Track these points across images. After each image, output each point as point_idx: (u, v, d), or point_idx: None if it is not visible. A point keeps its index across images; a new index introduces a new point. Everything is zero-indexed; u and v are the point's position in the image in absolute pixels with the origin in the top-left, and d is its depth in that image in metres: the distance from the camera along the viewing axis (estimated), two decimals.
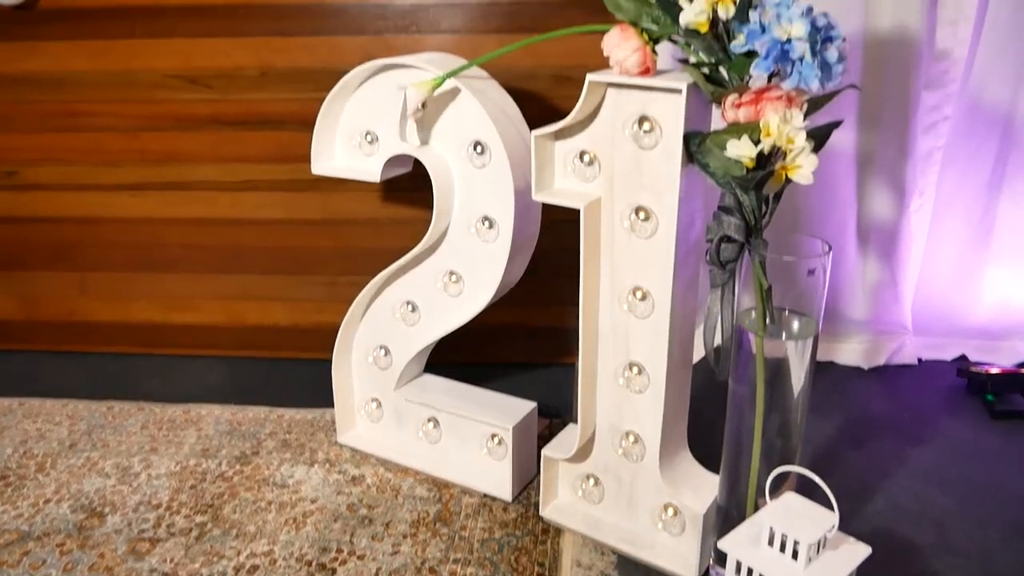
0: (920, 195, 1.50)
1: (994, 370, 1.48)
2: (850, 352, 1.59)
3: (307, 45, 1.39)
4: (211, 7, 1.39)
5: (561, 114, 0.93)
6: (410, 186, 1.27)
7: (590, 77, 0.89)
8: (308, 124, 1.17)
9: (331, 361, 1.27)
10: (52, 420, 1.39)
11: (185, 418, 1.39)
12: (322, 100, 1.15)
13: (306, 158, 1.17)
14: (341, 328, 1.25)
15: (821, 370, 1.56)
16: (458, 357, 1.35)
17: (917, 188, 1.49)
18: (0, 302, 1.65)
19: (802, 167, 0.78)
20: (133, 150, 1.50)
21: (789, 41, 0.76)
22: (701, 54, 0.84)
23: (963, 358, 1.60)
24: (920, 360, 1.60)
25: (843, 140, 1.44)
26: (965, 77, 1.43)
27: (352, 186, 1.32)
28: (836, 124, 0.83)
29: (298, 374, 1.55)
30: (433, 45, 1.37)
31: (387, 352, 1.25)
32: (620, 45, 0.84)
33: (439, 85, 1.01)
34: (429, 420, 1.23)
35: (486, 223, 1.09)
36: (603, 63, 0.88)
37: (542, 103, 1.37)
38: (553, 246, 1.19)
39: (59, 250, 1.59)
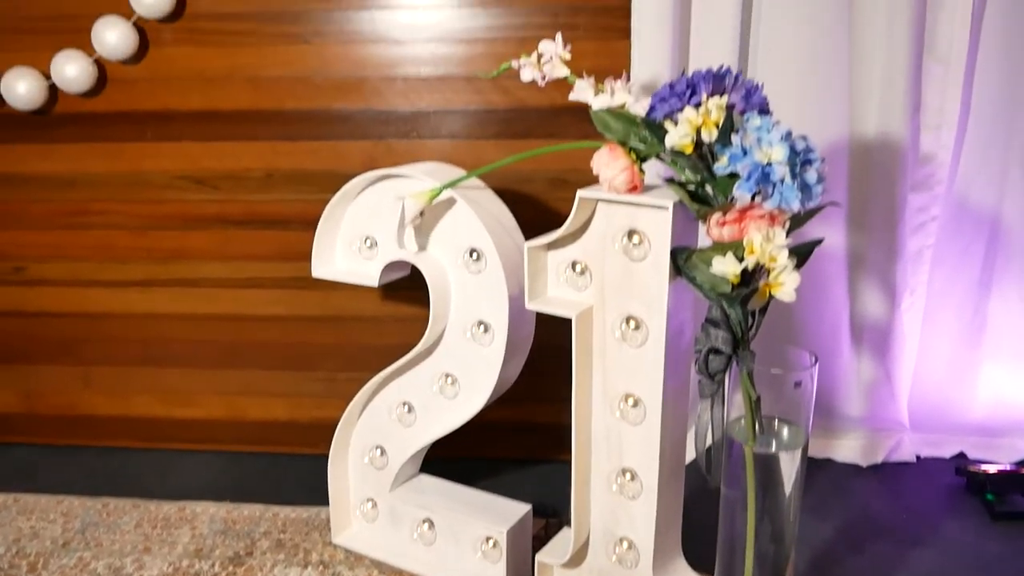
0: (911, 293, 1.52)
1: (993, 469, 1.47)
2: (848, 449, 1.59)
3: (312, 149, 1.44)
4: (220, 112, 1.45)
5: (557, 215, 0.97)
6: (410, 284, 1.29)
7: (581, 193, 0.92)
8: (311, 224, 1.21)
9: (329, 456, 1.27)
10: (47, 517, 1.38)
11: (180, 516, 1.39)
12: (325, 201, 1.18)
13: (308, 257, 1.20)
14: (338, 428, 1.26)
15: (819, 468, 1.56)
16: (455, 452, 1.36)
17: (908, 287, 1.51)
18: (2, 395, 1.66)
19: (785, 284, 0.80)
20: (141, 248, 1.53)
21: (770, 164, 0.79)
22: (687, 172, 0.87)
23: (962, 455, 1.60)
24: (918, 457, 1.60)
25: (833, 241, 1.47)
26: (950, 180, 1.47)
27: (353, 284, 1.34)
28: (818, 242, 0.86)
29: (296, 469, 1.55)
30: (433, 149, 1.42)
31: (383, 452, 1.25)
32: (609, 164, 0.88)
33: (436, 196, 1.04)
34: (424, 521, 1.23)
35: (481, 327, 1.11)
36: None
37: (539, 205, 1.41)
38: (550, 342, 1.21)
39: (64, 344, 1.62)
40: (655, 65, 1.33)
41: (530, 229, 1.12)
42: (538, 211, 1.40)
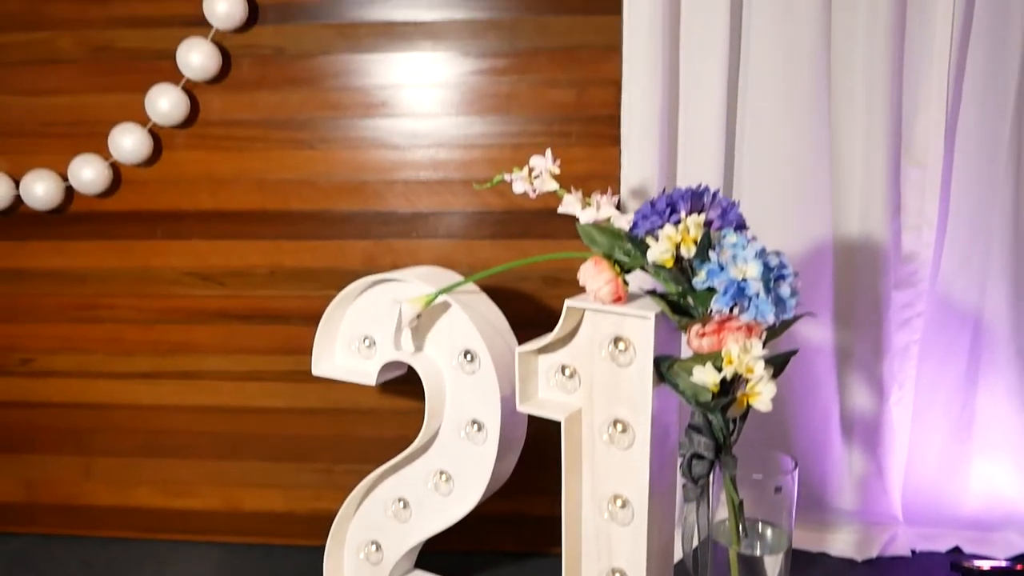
0: (900, 388, 1.55)
1: (987, 565, 1.48)
2: (842, 543, 1.59)
3: (314, 247, 1.50)
4: (228, 212, 1.51)
5: (551, 312, 1.01)
6: (407, 378, 1.33)
7: (568, 303, 0.97)
8: (312, 319, 1.25)
9: (325, 548, 1.29)
10: None
11: None
12: (326, 297, 1.23)
13: (308, 351, 1.24)
14: (334, 524, 1.28)
15: (814, 562, 1.56)
16: (450, 546, 1.37)
17: (896, 381, 1.54)
18: (4, 485, 1.68)
19: (762, 394, 0.84)
20: (147, 341, 1.57)
21: (745, 280, 0.83)
22: (669, 284, 0.92)
23: (957, 550, 1.60)
24: (914, 552, 1.60)
25: (820, 336, 1.51)
26: (933, 276, 1.52)
27: None
28: (792, 352, 0.90)
29: (292, 561, 1.56)
30: (431, 248, 1.47)
31: (378, 548, 1.27)
32: (595, 277, 0.93)
33: (432, 301, 1.09)
34: None
35: (475, 426, 1.15)
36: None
37: (534, 302, 1.45)
38: (544, 434, 1.23)
39: (67, 435, 1.65)
40: (644, 171, 1.40)
41: (525, 326, 1.16)
42: (533, 308, 1.45)
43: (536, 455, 1.28)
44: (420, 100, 1.44)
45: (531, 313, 1.44)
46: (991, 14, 1.40)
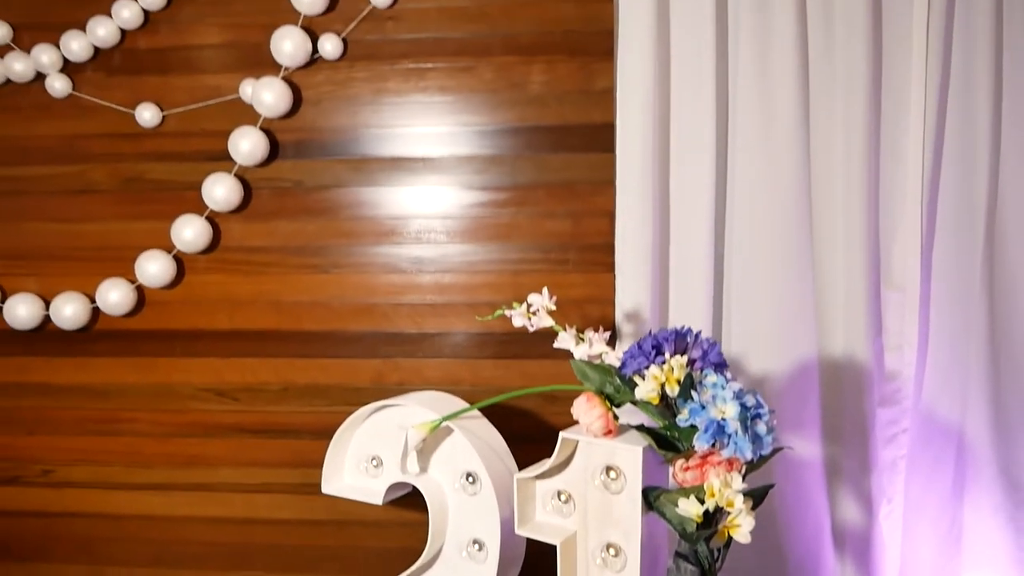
0: (888, 502, 1.60)
1: None
2: None
3: (325, 365, 1.58)
4: (244, 332, 1.60)
5: (550, 429, 1.08)
6: (413, 490, 1.39)
7: (563, 434, 1.04)
8: (322, 434, 1.33)
9: None
10: None
11: None
12: (336, 414, 1.32)
13: (317, 464, 1.31)
14: None
15: None
16: None
17: (885, 495, 1.60)
18: None
19: (741, 526, 0.90)
20: (164, 454, 1.64)
21: (724, 419, 0.91)
22: (655, 418, 0.99)
23: None
24: None
25: (810, 451, 1.57)
26: (916, 394, 1.59)
27: None
28: (770, 486, 0.97)
29: None
30: (436, 367, 1.55)
31: None
32: (587, 412, 1.00)
33: (436, 427, 1.16)
34: None
35: (476, 545, 1.20)
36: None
37: (533, 419, 1.52)
38: (542, 550, 1.29)
39: (81, 544, 1.70)
40: (637, 296, 1.49)
41: (525, 441, 1.23)
42: (533, 424, 1.51)
43: (534, 572, 1.33)
44: (427, 229, 1.54)
45: (531, 429, 1.51)
46: (959, 145, 1.51)
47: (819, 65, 1.51)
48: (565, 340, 1.09)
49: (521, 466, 1.19)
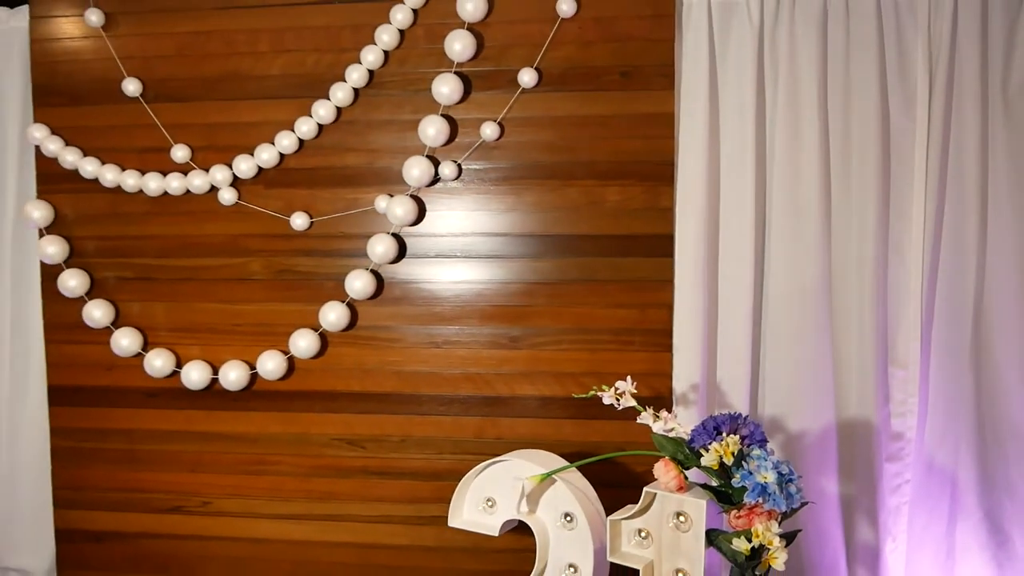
0: (893, 540, 1.96)
1: None
2: None
3: (437, 421, 1.97)
4: (371, 393, 1.99)
5: (626, 476, 1.45)
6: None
7: (646, 489, 1.42)
8: (432, 477, 1.74)
9: None
10: None
11: None
12: (445, 460, 1.77)
13: (428, 500, 1.70)
14: None
15: None
16: None
17: (891, 535, 1.96)
18: None
19: (778, 559, 1.27)
20: (302, 490, 2.03)
21: (766, 483, 1.28)
22: (715, 479, 1.37)
23: None
24: None
25: (828, 496, 1.93)
26: (917, 452, 1.95)
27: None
28: (798, 531, 1.34)
29: None
30: (525, 424, 1.93)
31: None
32: (664, 473, 1.38)
33: (544, 479, 1.54)
34: None
35: (572, 569, 1.58)
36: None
37: (612, 469, 1.89)
38: (627, 571, 1.66)
39: (230, 563, 2.08)
40: (689, 371, 1.88)
41: (605, 485, 1.61)
42: (610, 472, 1.88)
43: None
44: (521, 314, 1.93)
45: (609, 476, 1.88)
46: (952, 251, 1.88)
47: (839, 191, 1.89)
48: (646, 418, 1.47)
49: (605, 506, 1.56)
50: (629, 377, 1.54)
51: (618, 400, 1.52)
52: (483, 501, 1.68)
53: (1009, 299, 1.86)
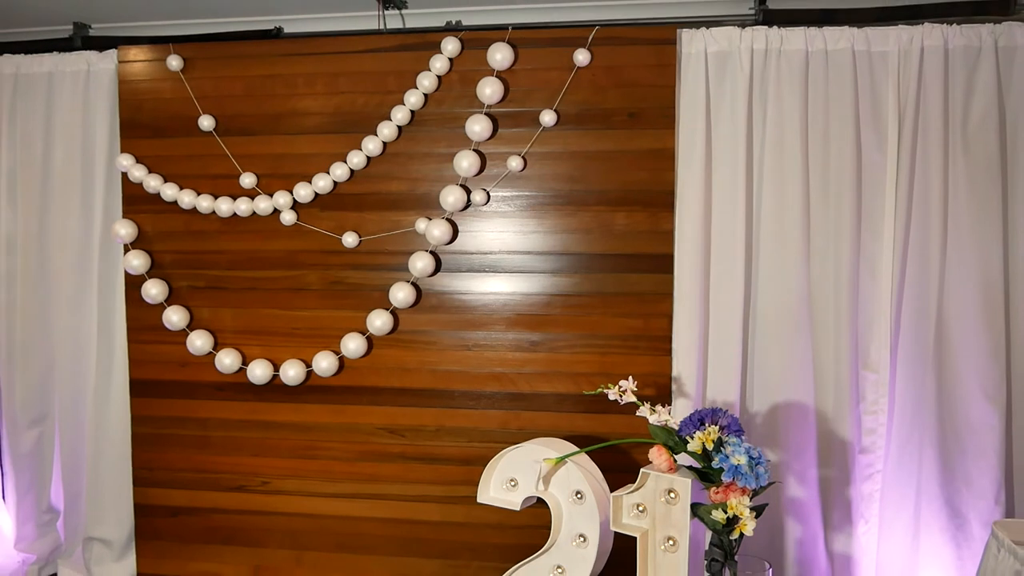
0: (866, 523, 2.24)
1: None
2: None
3: (467, 414, 2.27)
4: (410, 389, 2.29)
5: (626, 462, 1.74)
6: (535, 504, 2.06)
7: (643, 470, 1.71)
8: (463, 462, 2.04)
9: None
10: None
11: None
12: (473, 447, 2.04)
13: (459, 482, 2.00)
14: None
15: None
16: None
17: (863, 518, 2.24)
18: (240, 569, 2.43)
19: (748, 525, 1.56)
20: (349, 472, 2.34)
21: (739, 465, 1.58)
22: (699, 461, 1.66)
23: None
24: None
25: (808, 482, 2.21)
26: (887, 446, 2.23)
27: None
28: (764, 505, 1.63)
29: None
30: (543, 418, 2.23)
31: None
32: (658, 456, 1.67)
33: (560, 462, 1.84)
34: None
35: (581, 538, 1.87)
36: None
37: (615, 454, 2.19)
38: (622, 547, 1.95)
39: (287, 535, 2.40)
40: (687, 371, 2.17)
41: (609, 470, 1.90)
42: (613, 458, 2.18)
43: (620, 557, 1.99)
44: (541, 322, 2.23)
45: (612, 461, 2.17)
46: (917, 273, 2.16)
47: (818, 217, 2.17)
48: (644, 411, 1.77)
49: (608, 486, 1.86)
50: (631, 377, 1.83)
51: (621, 396, 1.81)
52: (507, 481, 1.98)
53: (967, 313, 2.13)
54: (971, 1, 2.25)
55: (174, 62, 2.33)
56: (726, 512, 1.58)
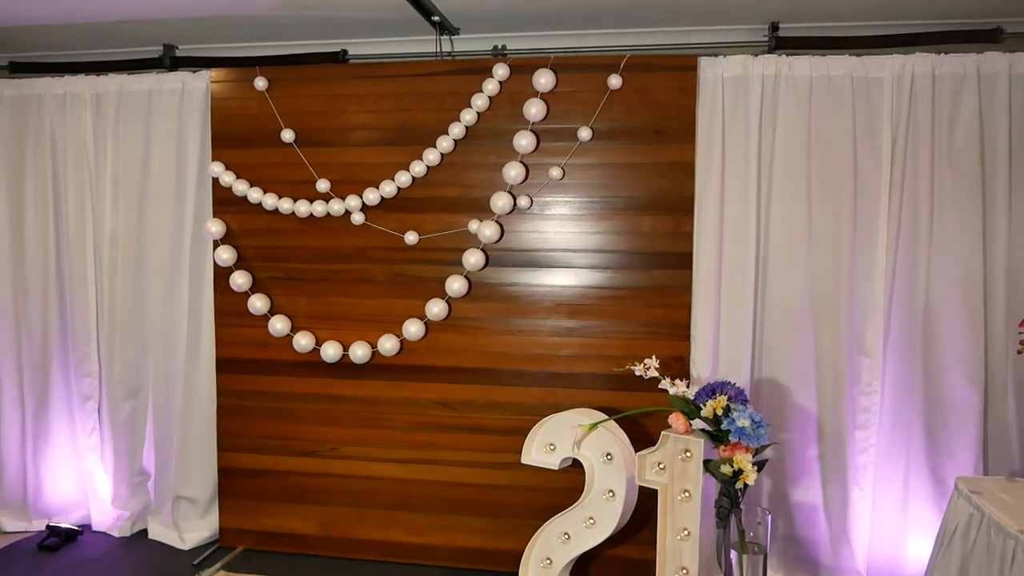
0: (860, 490, 2.55)
1: None
2: None
3: (511, 391, 2.61)
4: (462, 368, 2.64)
5: (648, 429, 2.07)
6: (571, 469, 2.39)
7: (663, 433, 2.04)
8: (506, 432, 2.38)
9: (520, 565, 2.33)
10: None
11: None
12: (516, 420, 2.37)
13: (503, 450, 2.35)
14: (526, 548, 2.33)
15: None
16: (576, 570, 2.40)
17: (858, 486, 2.54)
18: (308, 524, 2.79)
19: (750, 477, 1.89)
20: (407, 440, 2.69)
21: (743, 427, 1.90)
22: (710, 426, 1.99)
23: None
24: None
25: (810, 454, 2.53)
26: (880, 422, 2.53)
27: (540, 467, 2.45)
28: (766, 460, 1.95)
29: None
30: (577, 394, 2.56)
31: (551, 562, 2.31)
32: (676, 421, 2.00)
33: (592, 428, 2.17)
34: None
35: (610, 493, 2.20)
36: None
37: (639, 425, 2.51)
38: (650, 492, 2.28)
39: (351, 495, 2.75)
40: (704, 354, 2.50)
41: (634, 438, 2.23)
42: (638, 428, 2.50)
43: (645, 503, 2.32)
44: (577, 310, 2.56)
45: (633, 432, 2.50)
46: (907, 269, 2.47)
47: (820, 220, 2.49)
48: (665, 384, 2.09)
49: (635, 447, 2.19)
50: (654, 356, 2.16)
51: (645, 372, 2.14)
52: (546, 445, 2.31)
53: (950, 306, 2.44)
54: (963, 30, 2.57)
55: (260, 83, 2.69)
56: (732, 466, 1.90)
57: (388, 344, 2.63)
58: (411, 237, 2.62)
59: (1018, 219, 2.42)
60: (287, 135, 2.68)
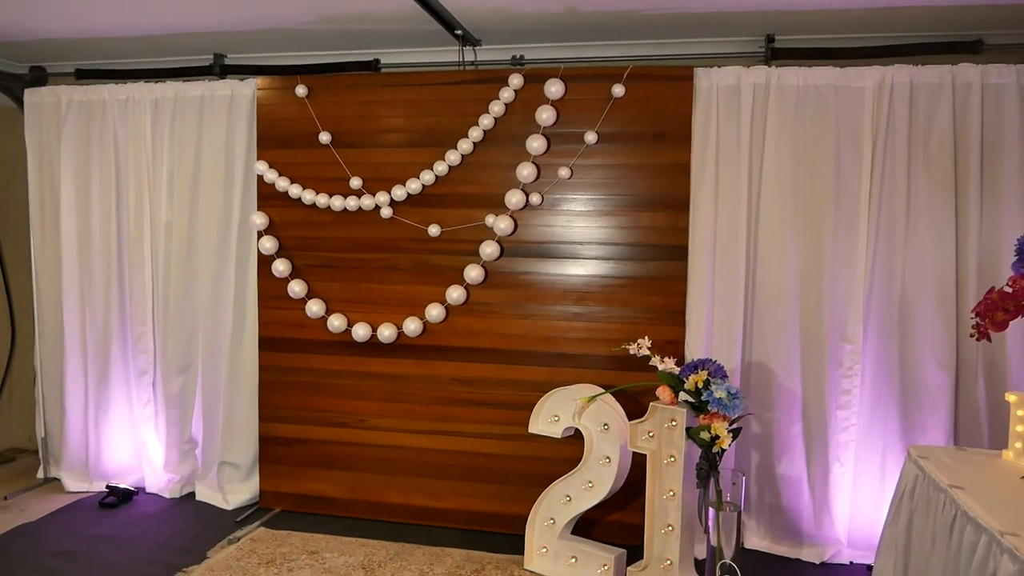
0: (841, 465, 2.78)
1: None
2: (807, 554, 2.78)
3: (522, 369, 2.88)
4: (478, 348, 2.91)
5: (639, 402, 2.33)
6: (571, 439, 2.66)
7: (652, 404, 2.30)
8: (517, 407, 2.65)
9: (526, 526, 2.60)
10: (353, 553, 2.75)
11: (438, 555, 2.73)
12: (526, 395, 2.64)
13: (513, 423, 2.62)
14: (532, 510, 2.60)
15: (791, 564, 2.76)
16: (587, 533, 2.66)
17: (839, 461, 2.77)
18: (339, 488, 3.08)
19: (725, 441, 2.14)
20: (428, 413, 2.97)
21: (720, 398, 2.16)
22: (692, 397, 2.24)
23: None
24: (851, 562, 2.78)
25: (794, 431, 2.76)
26: (861, 403, 2.76)
27: (544, 436, 2.72)
28: (739, 429, 2.21)
29: (496, 540, 2.87)
30: (581, 373, 2.82)
31: (554, 521, 2.58)
32: (663, 393, 2.26)
33: (591, 400, 2.44)
34: (572, 556, 2.53)
35: (607, 459, 2.47)
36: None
37: (632, 398, 2.77)
38: (641, 458, 2.54)
39: (378, 462, 3.04)
40: (697, 338, 2.75)
41: (629, 411, 2.49)
42: (631, 400, 2.76)
43: (633, 483, 2.58)
44: (583, 297, 2.83)
45: (629, 403, 2.75)
46: (885, 264, 2.70)
47: (805, 218, 2.72)
48: (655, 362, 2.35)
49: (630, 417, 2.45)
50: (647, 337, 2.42)
51: (639, 351, 2.40)
52: (551, 416, 2.59)
53: (925, 297, 2.66)
54: (946, 42, 2.79)
55: (300, 90, 2.99)
56: (710, 433, 2.15)
57: (412, 326, 2.92)
58: (434, 229, 2.90)
59: (988, 218, 2.64)
60: (324, 137, 2.97)
